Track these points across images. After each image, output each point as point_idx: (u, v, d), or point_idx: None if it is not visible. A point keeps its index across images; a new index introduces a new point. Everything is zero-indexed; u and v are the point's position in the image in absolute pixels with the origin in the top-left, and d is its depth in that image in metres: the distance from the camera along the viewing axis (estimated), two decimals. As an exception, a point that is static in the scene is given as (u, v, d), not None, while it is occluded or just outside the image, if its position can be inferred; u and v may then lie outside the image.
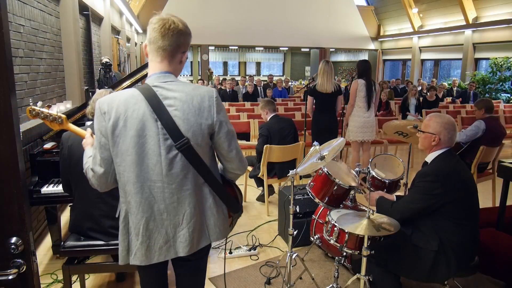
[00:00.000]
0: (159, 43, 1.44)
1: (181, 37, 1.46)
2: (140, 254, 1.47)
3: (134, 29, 13.85)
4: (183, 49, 1.49)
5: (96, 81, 5.08)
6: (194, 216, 1.48)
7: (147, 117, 1.40)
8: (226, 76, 19.21)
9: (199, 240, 1.52)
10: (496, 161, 4.33)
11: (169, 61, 1.48)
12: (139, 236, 1.46)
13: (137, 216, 1.46)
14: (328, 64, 4.70)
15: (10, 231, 1.04)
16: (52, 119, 1.98)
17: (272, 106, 4.18)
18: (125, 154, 1.41)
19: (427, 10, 14.56)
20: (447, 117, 2.21)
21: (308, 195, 2.91)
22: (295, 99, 9.58)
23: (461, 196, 2.07)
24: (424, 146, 2.23)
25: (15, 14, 3.34)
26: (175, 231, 1.48)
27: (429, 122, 2.20)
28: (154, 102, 1.40)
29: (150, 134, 1.40)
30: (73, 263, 2.28)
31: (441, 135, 2.15)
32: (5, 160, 1.01)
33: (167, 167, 1.42)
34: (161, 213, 1.46)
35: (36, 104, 2.04)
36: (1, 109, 0.99)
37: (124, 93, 1.45)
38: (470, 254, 2.14)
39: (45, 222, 3.59)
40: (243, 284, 2.84)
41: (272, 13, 15.43)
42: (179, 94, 1.43)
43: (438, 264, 2.06)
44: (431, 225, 2.11)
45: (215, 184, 1.52)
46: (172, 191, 1.44)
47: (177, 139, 1.40)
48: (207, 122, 1.44)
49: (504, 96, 10.94)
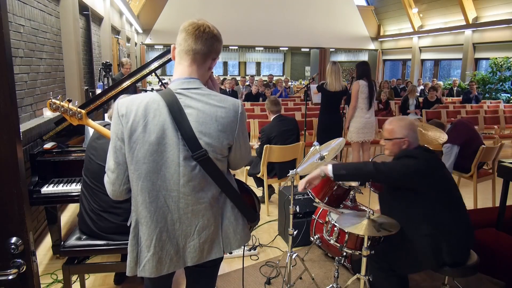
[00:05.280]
0: (192, 45, 1.38)
1: (215, 43, 1.41)
2: (149, 266, 1.42)
3: (134, 29, 13.83)
4: (214, 55, 1.44)
5: (111, 80, 5.06)
6: (206, 227, 1.44)
7: (168, 125, 1.33)
8: (226, 76, 19.20)
9: (210, 251, 1.48)
10: (496, 161, 4.33)
11: (198, 65, 1.41)
12: (150, 248, 1.41)
13: (151, 226, 1.40)
14: (336, 64, 4.86)
15: (10, 231, 1.04)
16: (71, 113, 2.00)
17: (276, 108, 4.17)
18: (141, 161, 1.34)
19: (427, 10, 14.56)
20: (407, 119, 2.25)
21: (308, 195, 2.91)
22: (295, 99, 9.58)
23: (442, 183, 2.09)
24: (394, 152, 2.22)
25: (15, 14, 3.34)
26: (186, 241, 1.44)
27: (392, 128, 2.20)
28: (175, 109, 1.33)
29: (170, 143, 1.34)
30: (73, 263, 2.27)
31: (409, 137, 2.17)
32: (5, 160, 1.01)
33: (185, 177, 1.37)
34: (174, 223, 1.41)
35: (57, 97, 2.05)
36: (1, 109, 0.98)
37: (145, 97, 1.37)
38: (463, 243, 2.11)
39: (45, 222, 3.59)
40: (243, 284, 2.83)
41: (272, 13, 15.44)
42: (202, 105, 1.36)
43: (431, 248, 2.04)
44: (418, 213, 2.09)
45: (234, 195, 1.48)
46: (187, 202, 1.39)
47: (195, 150, 1.34)
48: (229, 139, 1.39)
49: (504, 96, 10.95)
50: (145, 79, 3.41)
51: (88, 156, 2.27)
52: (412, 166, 2.05)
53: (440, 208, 2.08)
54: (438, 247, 2.04)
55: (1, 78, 0.97)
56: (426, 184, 2.06)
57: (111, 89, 2.93)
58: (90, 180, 2.21)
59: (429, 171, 2.07)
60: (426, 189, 2.07)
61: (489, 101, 9.79)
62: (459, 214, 2.13)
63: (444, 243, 2.04)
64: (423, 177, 2.05)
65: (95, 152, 2.22)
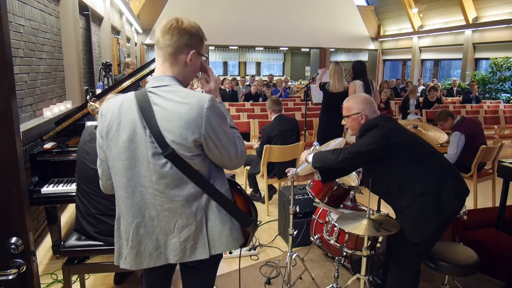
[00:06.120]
0: (160, 42, 1.40)
1: (183, 36, 1.38)
2: (130, 259, 1.46)
3: (134, 29, 13.84)
4: (187, 49, 1.40)
5: (115, 79, 5.09)
6: (187, 226, 1.42)
7: (138, 123, 1.36)
8: (226, 76, 19.19)
9: (194, 250, 1.45)
10: (496, 161, 4.33)
11: (170, 63, 1.41)
12: (129, 241, 1.45)
13: (127, 220, 1.44)
14: (338, 64, 4.84)
15: (10, 231, 1.04)
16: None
17: (277, 107, 4.19)
18: (116, 158, 1.40)
19: (427, 10, 14.56)
20: (362, 95, 2.33)
21: (308, 195, 2.92)
22: (295, 99, 9.59)
23: (410, 136, 2.14)
24: (355, 128, 2.26)
25: (15, 14, 3.34)
26: (166, 238, 1.44)
27: (349, 105, 2.27)
28: (145, 107, 1.36)
29: (140, 141, 1.37)
30: (73, 263, 2.27)
31: (365, 111, 2.22)
32: (5, 160, 1.01)
33: (156, 174, 1.37)
34: (153, 220, 1.42)
35: (91, 99, 2.08)
36: (1, 109, 0.98)
37: (122, 97, 1.43)
38: (458, 181, 2.09)
39: (45, 222, 3.59)
40: (243, 284, 2.83)
41: (272, 13, 15.43)
42: (167, 102, 1.35)
43: (434, 200, 2.02)
44: (406, 174, 2.09)
45: (218, 196, 1.44)
46: (163, 199, 1.40)
47: (163, 147, 1.34)
48: (194, 136, 1.33)
49: (504, 96, 10.95)
50: (145, 79, 3.40)
51: (81, 161, 2.21)
52: (377, 134, 2.09)
53: (421, 160, 2.10)
54: (438, 197, 2.02)
55: (1, 78, 0.97)
56: (398, 142, 2.09)
57: (111, 89, 2.94)
58: (85, 185, 2.18)
59: (393, 128, 2.12)
60: (400, 147, 2.09)
61: (489, 101, 9.79)
62: (440, 159, 2.15)
63: (442, 191, 2.03)
64: (392, 137, 2.09)
65: (88, 156, 2.18)
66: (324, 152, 2.27)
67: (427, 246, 2.15)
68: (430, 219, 2.03)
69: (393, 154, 2.10)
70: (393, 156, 2.10)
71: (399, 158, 2.10)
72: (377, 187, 2.22)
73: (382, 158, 2.12)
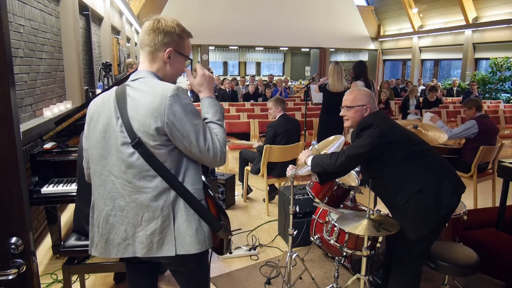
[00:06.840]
0: (140, 43, 1.49)
1: (159, 35, 1.44)
2: (100, 247, 1.50)
3: (134, 29, 13.83)
4: (164, 47, 1.46)
5: (115, 79, 5.11)
6: (153, 220, 1.41)
7: (112, 114, 1.43)
8: (226, 76, 19.19)
9: (161, 246, 1.43)
10: (496, 161, 4.33)
11: (149, 60, 1.48)
12: (99, 228, 1.49)
13: (99, 208, 1.48)
14: (338, 64, 4.84)
15: (10, 231, 1.04)
16: None
17: (284, 105, 4.27)
18: (94, 147, 1.48)
19: (427, 10, 14.56)
20: (366, 89, 2.35)
21: (308, 195, 2.92)
22: (295, 99, 9.59)
23: (406, 133, 2.14)
24: (355, 121, 2.25)
25: (15, 14, 3.34)
26: (135, 230, 1.44)
27: (354, 96, 2.26)
28: (119, 99, 1.43)
29: (112, 130, 1.43)
30: (73, 263, 2.28)
31: (370, 104, 2.22)
32: (5, 160, 1.01)
33: (124, 164, 1.41)
34: (122, 210, 1.44)
35: None
36: (1, 109, 0.98)
37: (106, 92, 1.53)
38: (454, 178, 2.10)
39: (45, 222, 3.59)
40: (243, 284, 2.84)
41: (272, 13, 15.43)
42: (136, 92, 1.41)
43: (432, 197, 2.02)
44: (403, 172, 2.09)
45: (185, 193, 1.42)
46: (131, 189, 1.42)
47: (132, 136, 1.38)
48: (156, 124, 1.35)
49: (504, 96, 10.94)
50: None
51: (81, 161, 2.21)
52: (373, 133, 2.09)
53: (418, 157, 2.10)
54: (437, 195, 2.02)
55: (1, 78, 0.97)
56: (394, 140, 2.09)
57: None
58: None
59: (389, 127, 2.12)
60: (397, 145, 2.09)
61: (489, 101, 9.79)
62: (436, 156, 2.15)
63: (440, 188, 2.03)
64: (388, 135, 2.09)
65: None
66: (322, 156, 2.26)
67: (426, 244, 2.14)
68: (428, 217, 2.03)
69: (390, 152, 2.10)
70: (390, 154, 2.10)
71: (396, 156, 2.09)
72: (374, 185, 2.22)
73: (379, 156, 2.12)
